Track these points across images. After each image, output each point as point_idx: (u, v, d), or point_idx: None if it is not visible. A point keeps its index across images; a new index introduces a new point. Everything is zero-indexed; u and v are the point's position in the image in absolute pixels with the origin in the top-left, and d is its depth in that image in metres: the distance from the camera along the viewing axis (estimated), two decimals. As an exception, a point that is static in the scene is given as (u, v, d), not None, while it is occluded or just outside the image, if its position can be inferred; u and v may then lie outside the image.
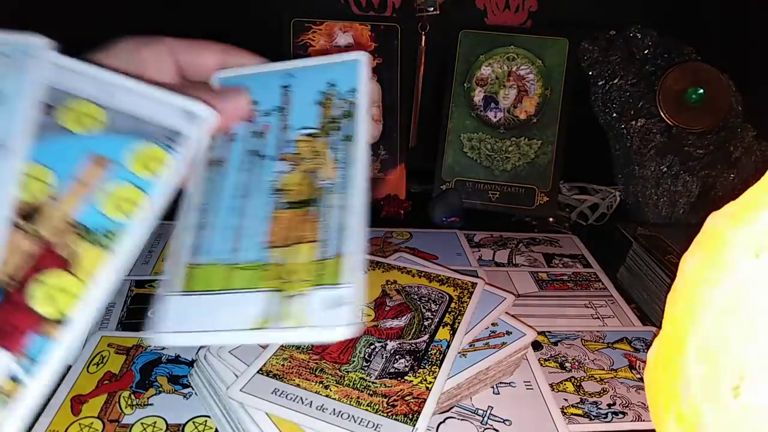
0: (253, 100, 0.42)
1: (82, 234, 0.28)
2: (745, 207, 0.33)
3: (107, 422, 0.42)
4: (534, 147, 0.81)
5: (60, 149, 0.30)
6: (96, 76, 0.31)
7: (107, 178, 0.29)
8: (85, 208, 0.29)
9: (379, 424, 0.39)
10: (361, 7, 0.82)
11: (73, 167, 0.29)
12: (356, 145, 0.39)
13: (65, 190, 0.29)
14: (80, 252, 0.28)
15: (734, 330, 0.30)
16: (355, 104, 0.41)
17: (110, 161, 0.30)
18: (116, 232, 0.28)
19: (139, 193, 0.29)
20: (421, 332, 0.47)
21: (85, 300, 0.27)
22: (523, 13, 0.84)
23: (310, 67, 0.43)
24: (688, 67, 0.77)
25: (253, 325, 0.34)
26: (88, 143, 0.30)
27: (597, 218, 0.82)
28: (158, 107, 0.32)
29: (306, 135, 0.42)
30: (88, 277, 0.27)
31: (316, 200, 0.39)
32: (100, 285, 0.27)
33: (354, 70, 0.42)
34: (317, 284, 0.35)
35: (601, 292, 0.65)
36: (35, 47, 0.31)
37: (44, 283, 0.27)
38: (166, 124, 0.31)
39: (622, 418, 0.47)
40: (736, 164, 0.78)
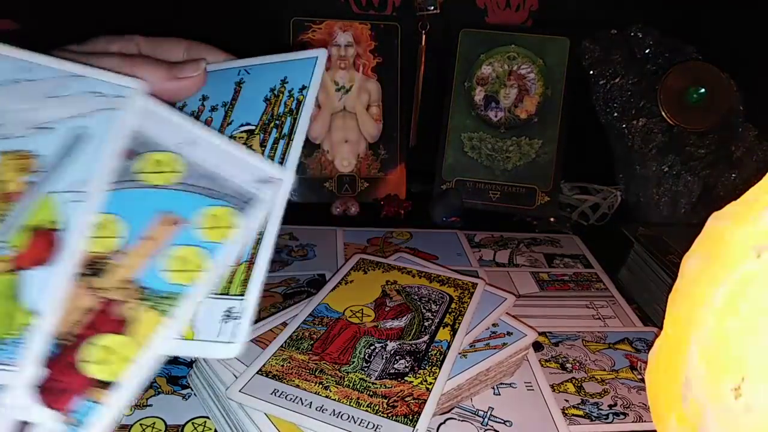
0: (203, 95, 0.41)
1: (143, 296, 0.27)
2: (746, 207, 0.32)
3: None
4: (535, 147, 0.81)
5: (134, 201, 0.29)
6: (178, 124, 0.30)
7: (174, 239, 0.28)
8: (149, 269, 0.28)
9: (379, 425, 0.39)
10: (361, 6, 0.82)
11: (144, 222, 0.28)
12: (291, 144, 0.37)
13: (133, 245, 0.28)
14: (139, 315, 0.27)
15: (735, 330, 0.30)
16: (301, 102, 0.38)
17: (181, 219, 0.29)
18: (176, 296, 0.27)
19: (204, 258, 0.28)
20: (422, 333, 0.46)
21: (137, 365, 0.26)
22: (524, 12, 0.84)
23: (268, 63, 0.41)
24: (690, 66, 0.77)
25: None
26: (162, 199, 0.29)
27: (598, 218, 0.82)
28: (237, 167, 0.31)
29: (243, 131, 0.40)
30: (143, 342, 0.26)
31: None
32: (154, 350, 0.26)
33: (310, 67, 0.40)
34: (213, 293, 0.32)
35: (602, 292, 0.65)
36: (129, 90, 0.30)
37: (100, 347, 0.26)
38: (242, 186, 0.30)
39: (623, 419, 0.47)
40: (737, 164, 0.77)
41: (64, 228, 0.27)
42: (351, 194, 0.81)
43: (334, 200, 0.79)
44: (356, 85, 0.79)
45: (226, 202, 0.30)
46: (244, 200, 0.30)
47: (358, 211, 0.79)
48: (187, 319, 0.28)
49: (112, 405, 0.25)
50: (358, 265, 0.56)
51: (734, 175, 0.77)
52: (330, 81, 0.79)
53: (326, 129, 0.79)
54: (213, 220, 0.29)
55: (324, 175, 0.80)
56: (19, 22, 0.78)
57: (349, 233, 0.72)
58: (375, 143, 0.81)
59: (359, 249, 0.68)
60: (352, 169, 0.81)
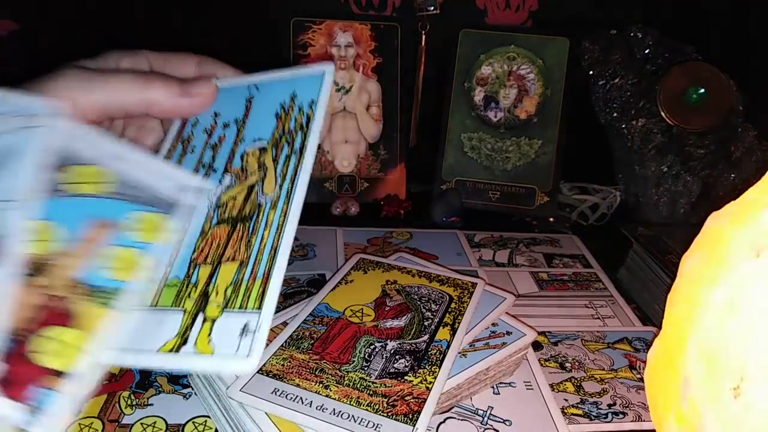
0: (215, 112, 0.42)
1: (86, 292, 0.29)
2: (745, 207, 0.32)
3: (107, 422, 0.42)
4: (534, 147, 0.81)
5: (68, 209, 0.31)
6: (102, 143, 0.33)
7: (111, 240, 0.31)
8: (89, 268, 0.30)
9: (379, 424, 0.39)
10: (361, 7, 0.82)
11: (80, 227, 0.30)
12: (302, 161, 0.38)
13: (72, 248, 0.30)
14: (83, 309, 0.29)
15: (734, 330, 0.30)
16: (310, 117, 0.39)
17: (114, 224, 0.31)
18: (117, 291, 0.29)
19: (139, 256, 0.31)
20: (421, 332, 0.47)
21: (88, 354, 0.28)
22: (524, 13, 0.84)
23: (277, 79, 0.42)
24: (689, 66, 0.77)
25: (162, 348, 0.33)
26: (95, 206, 0.31)
27: (597, 218, 0.82)
28: (159, 177, 0.33)
29: (256, 148, 0.40)
30: (90, 333, 0.28)
31: (250, 216, 0.37)
32: (103, 341, 0.28)
33: (318, 82, 0.41)
34: (231, 308, 0.34)
35: (601, 292, 0.65)
36: (50, 111, 0.32)
37: (50, 338, 0.27)
38: (165, 193, 0.33)
39: (623, 419, 0.47)
40: (736, 164, 0.77)
41: (2, 234, 0.29)
42: (351, 194, 0.81)
43: (334, 200, 0.80)
44: (356, 85, 0.80)
45: (153, 207, 0.32)
46: (169, 205, 0.33)
47: (358, 211, 0.79)
48: (131, 311, 0.30)
49: (68, 392, 0.27)
50: (358, 265, 0.56)
51: (733, 176, 0.77)
52: (330, 81, 0.79)
53: (326, 129, 0.79)
54: (143, 223, 0.32)
55: (324, 175, 0.81)
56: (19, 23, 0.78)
57: (349, 233, 0.73)
58: (375, 143, 0.81)
59: (359, 249, 0.68)
60: (352, 169, 0.81)
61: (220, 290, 0.35)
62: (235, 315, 0.33)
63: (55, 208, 0.30)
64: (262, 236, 0.36)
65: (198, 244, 0.37)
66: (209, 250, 0.37)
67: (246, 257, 0.36)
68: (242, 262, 0.36)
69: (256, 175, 0.39)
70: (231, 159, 0.40)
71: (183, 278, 0.36)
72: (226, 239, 0.37)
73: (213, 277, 0.36)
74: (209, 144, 0.42)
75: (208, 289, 0.35)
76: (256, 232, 0.36)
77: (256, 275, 0.34)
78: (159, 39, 0.81)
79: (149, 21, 0.81)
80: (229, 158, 0.40)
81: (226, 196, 0.39)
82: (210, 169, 0.40)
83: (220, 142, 0.41)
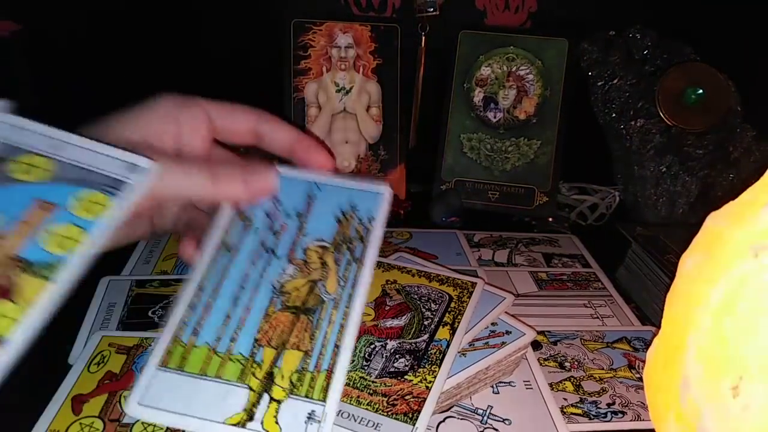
0: (277, 199, 0.45)
1: (24, 267, 0.30)
2: (744, 207, 0.33)
3: (108, 422, 0.42)
4: (533, 147, 0.81)
5: (7, 195, 0.32)
6: (45, 133, 0.34)
7: (51, 219, 0.32)
8: (29, 245, 0.31)
9: (379, 423, 0.39)
10: (361, 8, 0.82)
11: (20, 210, 0.32)
12: (363, 269, 0.42)
13: (10, 229, 0.31)
14: (21, 282, 0.30)
15: (733, 330, 0.30)
16: (370, 231, 0.43)
17: (55, 205, 0.32)
18: (56, 265, 0.30)
19: (79, 232, 0.32)
20: (421, 332, 0.47)
21: (23, 324, 0.29)
22: (523, 14, 0.84)
23: (337, 184, 0.46)
24: (688, 67, 0.77)
25: (229, 420, 0.36)
26: (36, 190, 0.33)
27: (596, 218, 0.82)
28: (104, 159, 0.34)
29: (318, 246, 0.44)
30: (27, 304, 0.29)
31: (314, 310, 0.40)
32: (38, 311, 0.29)
33: (376, 200, 0.45)
34: (297, 394, 0.37)
35: (600, 291, 0.65)
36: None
37: None
38: (109, 174, 0.34)
39: (622, 418, 0.47)
40: (735, 164, 0.78)
41: None
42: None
43: (334, 200, 0.80)
44: (356, 86, 0.80)
45: (96, 187, 0.33)
46: (112, 184, 0.33)
47: (358, 211, 0.79)
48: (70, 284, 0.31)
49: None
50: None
51: (732, 176, 0.78)
52: (330, 82, 0.79)
53: (327, 130, 0.80)
54: (86, 202, 0.33)
55: (324, 176, 0.81)
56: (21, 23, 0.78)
57: (349, 233, 0.73)
58: (375, 144, 0.81)
59: (359, 249, 0.68)
60: (353, 170, 0.81)
61: (285, 375, 0.38)
62: (301, 401, 0.36)
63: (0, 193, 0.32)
64: (325, 332, 0.39)
65: (262, 325, 0.40)
66: (273, 333, 0.40)
67: (310, 348, 0.39)
68: (306, 352, 0.39)
69: (319, 272, 0.43)
70: (293, 249, 0.43)
71: (248, 356, 0.39)
72: (290, 327, 0.40)
73: (277, 361, 0.39)
74: (272, 229, 0.44)
75: (273, 371, 0.38)
76: (319, 326, 0.40)
77: (320, 367, 0.38)
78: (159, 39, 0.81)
79: (150, 22, 0.81)
80: (291, 248, 0.43)
81: (290, 285, 0.42)
82: (272, 253, 0.43)
83: (281, 230, 0.44)
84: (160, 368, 0.40)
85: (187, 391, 0.39)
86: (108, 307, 0.55)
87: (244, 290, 0.42)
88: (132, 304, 0.56)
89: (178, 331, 0.42)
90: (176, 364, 0.40)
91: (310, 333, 0.40)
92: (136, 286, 0.59)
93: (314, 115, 0.80)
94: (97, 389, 0.45)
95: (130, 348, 0.49)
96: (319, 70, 0.79)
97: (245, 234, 0.45)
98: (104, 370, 0.47)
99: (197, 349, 0.41)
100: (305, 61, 0.79)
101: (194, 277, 0.42)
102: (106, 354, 0.48)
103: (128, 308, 0.55)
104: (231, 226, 0.45)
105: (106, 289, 0.57)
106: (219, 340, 0.40)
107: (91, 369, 0.47)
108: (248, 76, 0.83)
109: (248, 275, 0.43)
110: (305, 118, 0.79)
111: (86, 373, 0.46)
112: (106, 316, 0.54)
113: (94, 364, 0.47)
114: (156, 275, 0.61)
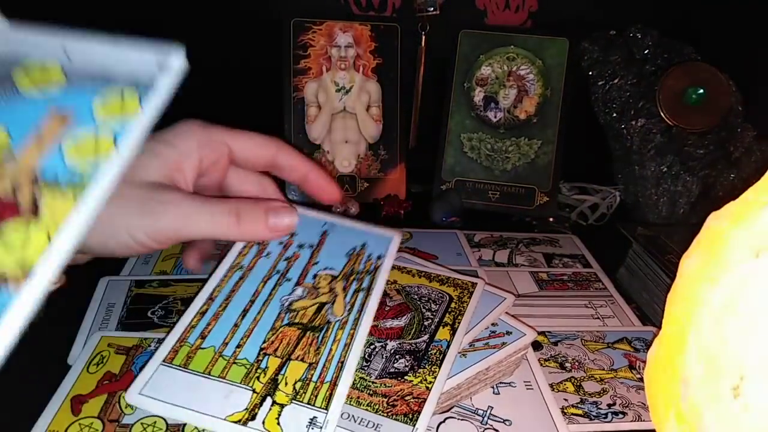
0: (293, 233, 0.49)
1: (46, 185, 0.27)
2: (745, 207, 0.33)
3: (107, 422, 0.42)
4: (534, 147, 0.81)
5: (19, 109, 0.29)
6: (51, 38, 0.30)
7: (71, 128, 0.28)
8: (48, 161, 0.27)
9: (379, 423, 0.39)
10: (361, 7, 0.82)
11: (35, 123, 0.28)
12: (370, 298, 0.45)
13: (28, 144, 0.28)
14: (44, 202, 0.26)
15: (734, 330, 0.30)
16: (378, 268, 0.48)
17: (74, 112, 0.28)
18: (81, 181, 0.27)
19: (105, 140, 0.28)
20: (421, 332, 0.47)
21: (50, 250, 0.25)
22: (523, 13, 0.84)
23: (351, 227, 0.51)
24: (689, 67, 0.77)
25: (230, 417, 0.37)
26: (51, 99, 0.29)
27: (597, 218, 0.82)
28: (122, 58, 0.30)
29: (328, 273, 0.47)
30: (52, 227, 0.26)
31: (320, 328, 0.43)
32: (68, 233, 0.26)
33: (386, 243, 0.50)
34: (300, 401, 0.38)
35: (601, 292, 0.65)
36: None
37: (4, 234, 0.25)
38: (131, 73, 0.30)
39: (622, 418, 0.47)
40: (736, 164, 0.77)
41: None
42: (351, 194, 0.81)
43: (334, 200, 0.80)
44: (356, 85, 0.80)
45: (119, 88, 0.29)
46: (138, 86, 0.29)
47: (358, 211, 0.79)
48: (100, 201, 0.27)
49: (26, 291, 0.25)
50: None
51: (733, 176, 0.77)
52: (330, 81, 0.79)
53: (326, 129, 0.80)
54: (108, 107, 0.29)
55: (324, 175, 0.80)
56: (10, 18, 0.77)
57: (349, 233, 0.72)
58: (375, 144, 0.81)
59: (359, 249, 0.68)
60: (352, 170, 0.81)
61: (289, 382, 0.39)
62: (303, 407, 0.38)
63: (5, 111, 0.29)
64: (330, 348, 0.42)
65: (268, 336, 0.42)
66: (279, 345, 0.42)
67: (315, 361, 0.41)
68: (311, 364, 0.41)
69: (327, 296, 0.46)
70: (304, 275, 0.47)
71: (253, 362, 0.41)
72: (295, 341, 0.42)
73: (282, 369, 0.40)
74: (284, 256, 0.48)
75: (278, 378, 0.40)
76: (324, 343, 0.42)
77: (324, 379, 0.40)
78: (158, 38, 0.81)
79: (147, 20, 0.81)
80: (302, 274, 0.47)
81: (298, 305, 0.45)
82: (283, 276, 0.47)
83: (294, 258, 0.48)
84: (163, 363, 0.40)
85: (189, 387, 0.39)
86: (107, 307, 0.55)
87: (253, 304, 0.45)
88: (131, 305, 0.56)
89: (186, 333, 0.42)
90: (181, 362, 0.41)
91: (315, 348, 0.42)
92: (136, 286, 0.59)
93: (314, 114, 0.79)
94: (96, 390, 0.45)
95: (129, 348, 0.49)
96: (319, 70, 0.79)
97: (259, 258, 0.48)
98: (103, 371, 0.47)
99: (203, 351, 0.41)
100: (305, 60, 0.78)
101: (206, 289, 0.44)
102: (105, 354, 0.48)
103: (127, 308, 0.55)
104: (246, 251, 0.48)
105: (105, 290, 0.57)
106: (226, 344, 0.42)
107: (90, 369, 0.47)
108: (248, 75, 0.83)
109: (258, 292, 0.46)
110: (305, 118, 0.79)
111: (85, 373, 0.46)
112: (106, 317, 0.54)
113: (94, 365, 0.47)
114: (155, 275, 0.61)
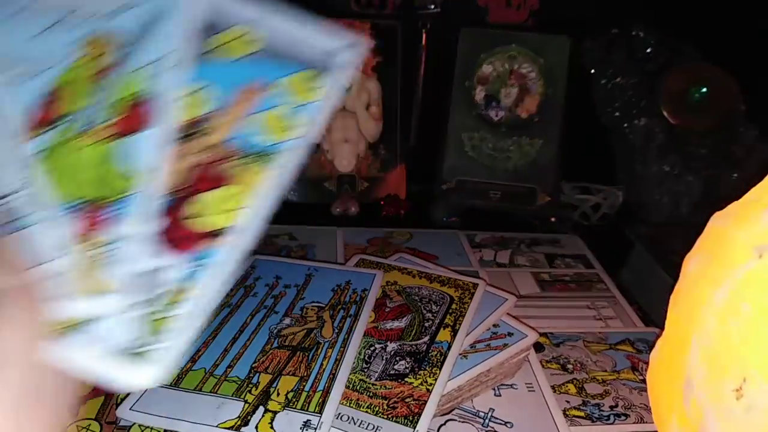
0: (277, 275, 0.53)
1: (240, 154, 0.28)
2: (747, 207, 0.32)
3: (104, 424, 0.42)
4: (535, 146, 0.80)
5: (219, 72, 0.30)
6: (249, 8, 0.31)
7: (264, 101, 0.29)
8: (243, 130, 0.29)
9: (379, 426, 0.38)
10: (361, 5, 0.82)
11: (231, 90, 0.29)
12: (357, 322, 0.47)
13: (224, 111, 0.29)
14: (239, 170, 0.28)
15: (737, 331, 0.30)
16: (364, 298, 0.50)
17: (265, 87, 0.30)
18: (273, 152, 0.28)
19: (293, 116, 0.29)
20: (422, 333, 0.46)
21: (250, 210, 0.27)
22: (525, 12, 0.83)
23: (334, 269, 0.55)
24: (691, 66, 0.77)
25: (222, 424, 0.38)
26: (245, 68, 0.30)
27: (599, 218, 0.81)
28: (311, 38, 0.32)
29: (315, 305, 0.50)
30: (249, 190, 0.27)
31: (310, 349, 0.45)
32: (262, 198, 0.27)
33: (370, 279, 0.52)
34: (293, 408, 0.40)
35: (603, 292, 0.65)
36: None
37: (204, 202, 0.27)
38: (318, 53, 0.31)
39: (625, 420, 0.47)
40: (738, 164, 0.77)
41: (155, 97, 0.28)
42: (351, 194, 0.81)
43: (334, 200, 0.79)
44: (356, 84, 0.79)
45: (306, 67, 0.31)
46: (323, 65, 0.31)
47: (358, 211, 0.79)
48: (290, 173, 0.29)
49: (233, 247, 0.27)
50: (358, 266, 0.56)
51: (735, 175, 0.77)
52: (330, 81, 0.79)
53: (325, 128, 0.79)
54: (296, 83, 0.30)
55: (324, 175, 0.80)
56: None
57: (349, 233, 0.72)
58: (375, 143, 0.81)
59: (359, 249, 0.68)
60: (352, 169, 0.81)
61: (282, 393, 0.41)
62: (296, 413, 0.39)
63: (206, 72, 0.30)
64: (321, 364, 0.43)
65: (258, 357, 0.44)
66: (270, 363, 0.44)
67: (306, 374, 0.43)
68: (302, 377, 0.42)
69: (315, 323, 0.48)
70: (291, 308, 0.50)
71: (244, 378, 0.42)
72: (286, 360, 0.44)
73: (274, 383, 0.42)
74: (271, 294, 0.51)
75: (270, 390, 0.41)
76: (315, 360, 0.44)
77: (317, 388, 0.41)
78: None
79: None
80: (290, 307, 0.50)
81: (287, 331, 0.47)
82: (271, 310, 0.49)
83: (281, 296, 0.51)
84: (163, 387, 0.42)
85: (181, 401, 0.41)
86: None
87: (242, 333, 0.47)
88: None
89: None
90: (171, 382, 0.42)
91: (306, 364, 0.43)
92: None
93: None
94: (93, 391, 0.45)
95: (128, 349, 0.49)
96: (320, 69, 0.79)
97: (246, 298, 0.50)
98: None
99: (194, 372, 0.43)
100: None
101: None
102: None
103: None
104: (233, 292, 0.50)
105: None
106: (216, 366, 0.44)
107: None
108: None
109: (247, 324, 0.48)
110: (305, 118, 0.79)
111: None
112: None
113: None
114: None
